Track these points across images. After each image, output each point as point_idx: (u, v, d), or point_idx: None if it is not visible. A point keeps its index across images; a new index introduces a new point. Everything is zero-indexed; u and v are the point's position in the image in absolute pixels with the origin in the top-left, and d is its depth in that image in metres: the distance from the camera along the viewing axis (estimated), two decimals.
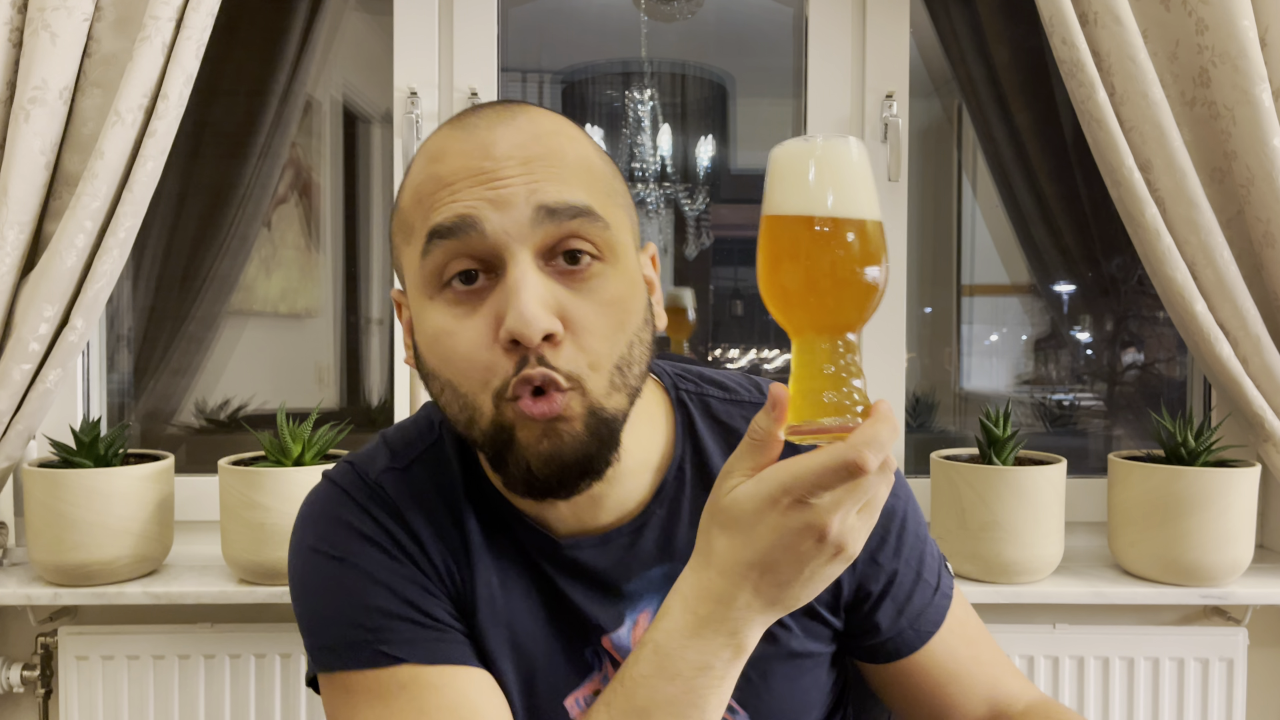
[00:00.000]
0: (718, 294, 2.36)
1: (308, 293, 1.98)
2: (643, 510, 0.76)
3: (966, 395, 2.02)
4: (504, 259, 0.64)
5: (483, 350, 0.64)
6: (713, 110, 2.39)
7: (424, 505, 0.75)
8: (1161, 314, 1.83)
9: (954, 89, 1.87)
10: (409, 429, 0.81)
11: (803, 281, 0.58)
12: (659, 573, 0.76)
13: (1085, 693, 1.50)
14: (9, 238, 1.32)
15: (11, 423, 1.38)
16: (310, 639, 0.74)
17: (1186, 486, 1.39)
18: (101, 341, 1.72)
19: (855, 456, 0.54)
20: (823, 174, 0.58)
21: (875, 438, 0.55)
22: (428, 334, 0.67)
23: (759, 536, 0.58)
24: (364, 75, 1.91)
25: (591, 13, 2.31)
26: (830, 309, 0.58)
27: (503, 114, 0.68)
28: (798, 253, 0.58)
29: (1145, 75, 1.36)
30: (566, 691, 0.76)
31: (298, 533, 0.77)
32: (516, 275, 0.63)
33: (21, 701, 1.56)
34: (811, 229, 0.58)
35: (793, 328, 0.60)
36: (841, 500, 0.56)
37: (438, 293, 0.67)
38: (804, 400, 0.58)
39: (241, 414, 1.90)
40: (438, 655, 0.71)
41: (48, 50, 1.31)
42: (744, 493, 0.58)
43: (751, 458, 0.59)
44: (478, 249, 0.64)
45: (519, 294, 0.62)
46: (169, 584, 1.43)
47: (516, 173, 0.65)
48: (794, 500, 0.56)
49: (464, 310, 0.65)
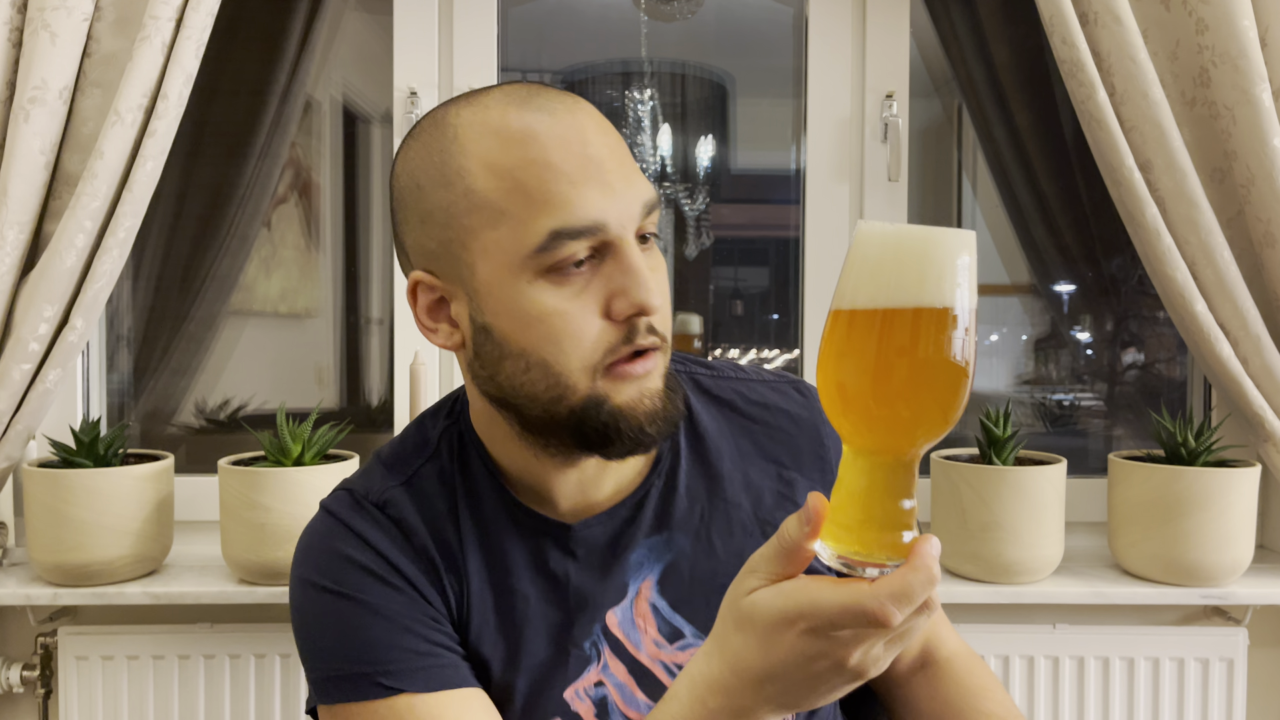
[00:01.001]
0: (718, 294, 2.35)
1: (308, 293, 1.98)
2: (642, 482, 0.80)
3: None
4: (618, 246, 0.69)
5: (594, 324, 0.69)
6: (713, 110, 2.39)
7: (426, 519, 0.77)
8: (1161, 314, 1.83)
9: (954, 89, 1.87)
10: (404, 446, 0.82)
11: (866, 385, 0.51)
12: (658, 540, 0.79)
13: (1085, 693, 1.50)
14: (9, 238, 1.32)
15: (11, 423, 1.38)
16: (310, 671, 0.76)
17: (1186, 486, 1.38)
18: (101, 341, 1.72)
19: (877, 608, 0.51)
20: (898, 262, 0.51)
21: (905, 590, 0.51)
22: (528, 315, 0.69)
23: (773, 651, 0.55)
24: (364, 75, 1.91)
25: (591, 13, 2.31)
26: (899, 423, 0.52)
27: (565, 99, 0.71)
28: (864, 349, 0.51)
29: (1145, 75, 1.36)
30: (566, 684, 0.77)
31: (296, 566, 0.78)
32: (633, 259, 0.69)
33: (21, 701, 1.56)
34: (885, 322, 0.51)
35: (849, 439, 0.54)
36: (865, 638, 0.53)
37: (541, 275, 0.69)
38: (842, 529, 0.53)
39: (241, 414, 1.90)
40: (435, 682, 0.73)
41: (47, 50, 1.31)
42: (764, 602, 0.55)
43: (777, 563, 0.56)
44: (598, 241, 0.69)
45: (641, 274, 0.68)
46: (169, 584, 1.43)
47: (616, 165, 0.70)
48: (810, 628, 0.53)
49: (574, 290, 0.69)
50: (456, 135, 0.70)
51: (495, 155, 0.68)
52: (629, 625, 0.78)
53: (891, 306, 0.51)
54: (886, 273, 0.51)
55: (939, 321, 0.51)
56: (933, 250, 0.51)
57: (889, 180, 1.64)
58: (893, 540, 0.53)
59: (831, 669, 0.55)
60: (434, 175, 0.71)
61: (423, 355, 1.56)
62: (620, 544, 0.78)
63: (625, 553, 0.78)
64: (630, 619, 0.78)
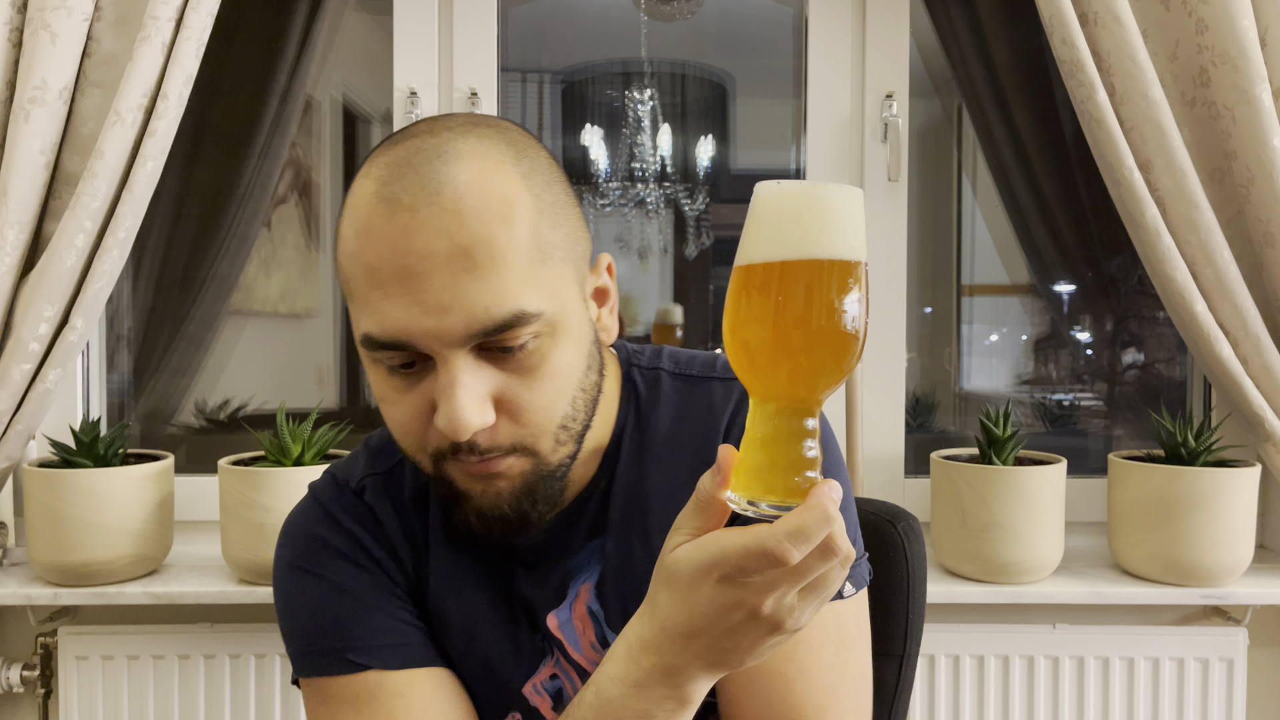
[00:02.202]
0: (717, 294, 2.35)
1: (307, 293, 1.98)
2: (586, 486, 0.79)
3: (966, 395, 2.02)
4: (437, 361, 0.65)
5: (419, 424, 0.67)
6: (713, 110, 2.39)
7: (398, 509, 0.80)
8: (1161, 314, 1.83)
9: (954, 89, 1.87)
10: (389, 435, 0.82)
11: (767, 337, 0.53)
12: (595, 545, 0.79)
13: (1085, 693, 1.50)
14: (9, 238, 1.32)
15: (11, 423, 1.38)
16: (289, 646, 0.79)
17: (1186, 486, 1.38)
18: (101, 341, 1.72)
19: (774, 546, 0.52)
20: (802, 216, 0.53)
21: (801, 528, 0.52)
22: (374, 388, 0.71)
23: (694, 604, 0.56)
24: (364, 75, 1.91)
25: (591, 13, 2.31)
26: (796, 371, 0.54)
27: (427, 188, 0.64)
28: (763, 302, 0.53)
29: (1145, 75, 1.36)
30: (524, 679, 0.79)
31: (278, 548, 0.82)
32: (448, 378, 0.64)
33: (21, 701, 1.56)
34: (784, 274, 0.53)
35: (753, 390, 0.56)
36: (776, 583, 0.54)
37: (374, 364, 0.68)
38: (747, 474, 0.55)
39: (241, 414, 1.90)
40: (402, 659, 0.75)
41: (48, 50, 1.31)
42: (683, 556, 0.56)
43: (696, 518, 0.57)
44: (411, 355, 0.66)
45: (451, 397, 0.64)
46: (169, 584, 1.43)
47: (444, 277, 0.63)
48: (722, 575, 0.55)
49: (402, 386, 0.67)
50: (348, 198, 0.69)
51: (347, 240, 0.67)
52: (568, 627, 0.79)
53: (787, 259, 0.53)
54: (782, 228, 0.53)
55: (833, 272, 0.53)
56: (823, 205, 0.53)
57: (889, 180, 1.64)
58: (796, 484, 0.55)
59: (748, 619, 0.56)
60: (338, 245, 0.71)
61: None
62: (560, 548, 0.79)
63: (565, 558, 0.79)
64: (569, 620, 0.79)
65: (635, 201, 2.39)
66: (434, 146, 0.66)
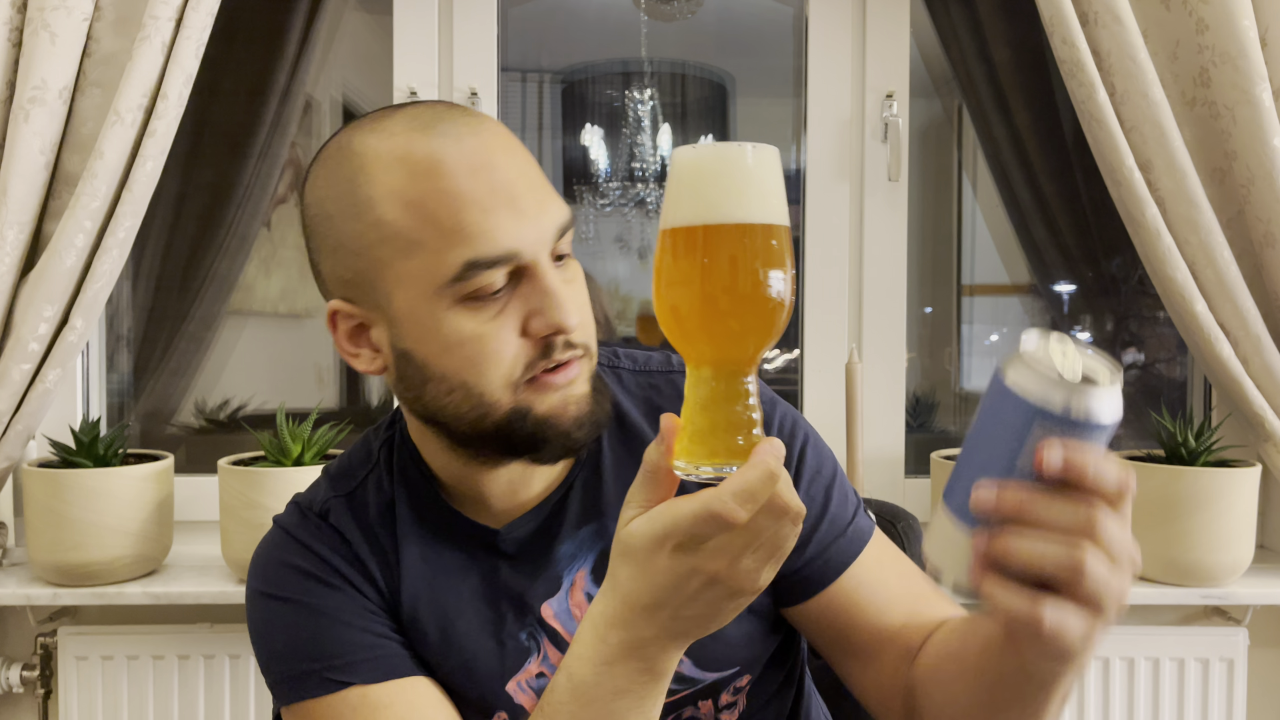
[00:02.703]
0: None
1: (307, 293, 1.98)
2: (567, 474, 0.81)
3: (966, 395, 2.02)
4: (534, 270, 0.69)
5: (511, 345, 0.70)
6: (713, 110, 2.39)
7: (363, 527, 0.81)
8: (1161, 314, 1.83)
9: (954, 89, 1.87)
10: (351, 460, 0.86)
11: (695, 301, 0.53)
12: (588, 531, 0.80)
13: (1085, 693, 1.50)
14: (9, 238, 1.32)
15: (11, 423, 1.38)
16: (267, 674, 0.78)
17: (1187, 486, 1.38)
18: (101, 341, 1.72)
19: (721, 508, 0.52)
20: (719, 179, 0.53)
21: (745, 487, 0.52)
22: (447, 341, 0.70)
23: (652, 576, 0.57)
24: (364, 75, 1.91)
25: (591, 13, 2.31)
26: (726, 334, 0.54)
27: (471, 121, 0.70)
28: (689, 267, 0.53)
29: (1145, 75, 1.36)
30: (508, 677, 0.79)
31: (249, 581, 0.81)
32: (549, 281, 0.69)
33: (21, 701, 1.56)
34: (706, 238, 0.53)
35: (686, 355, 0.57)
36: (728, 545, 0.54)
37: (458, 303, 0.69)
38: (690, 440, 0.56)
39: (241, 414, 1.90)
40: (381, 671, 0.75)
41: (47, 50, 1.31)
42: (637, 529, 0.57)
43: (646, 490, 0.58)
44: (513, 267, 0.69)
45: (557, 296, 0.69)
46: (169, 584, 1.43)
47: (527, 187, 0.69)
48: (676, 544, 0.55)
49: (491, 313, 0.69)
50: (363, 165, 0.70)
51: (403, 186, 0.68)
52: (565, 616, 0.79)
53: (709, 222, 0.53)
54: (702, 191, 0.53)
55: (754, 233, 0.53)
56: (740, 167, 0.53)
57: (889, 180, 1.64)
58: (739, 445, 0.55)
59: (707, 584, 0.56)
60: (343, 205, 0.71)
61: None
62: (548, 538, 0.80)
63: (554, 546, 0.80)
64: (566, 609, 0.79)
65: (635, 201, 2.39)
66: (436, 106, 0.72)
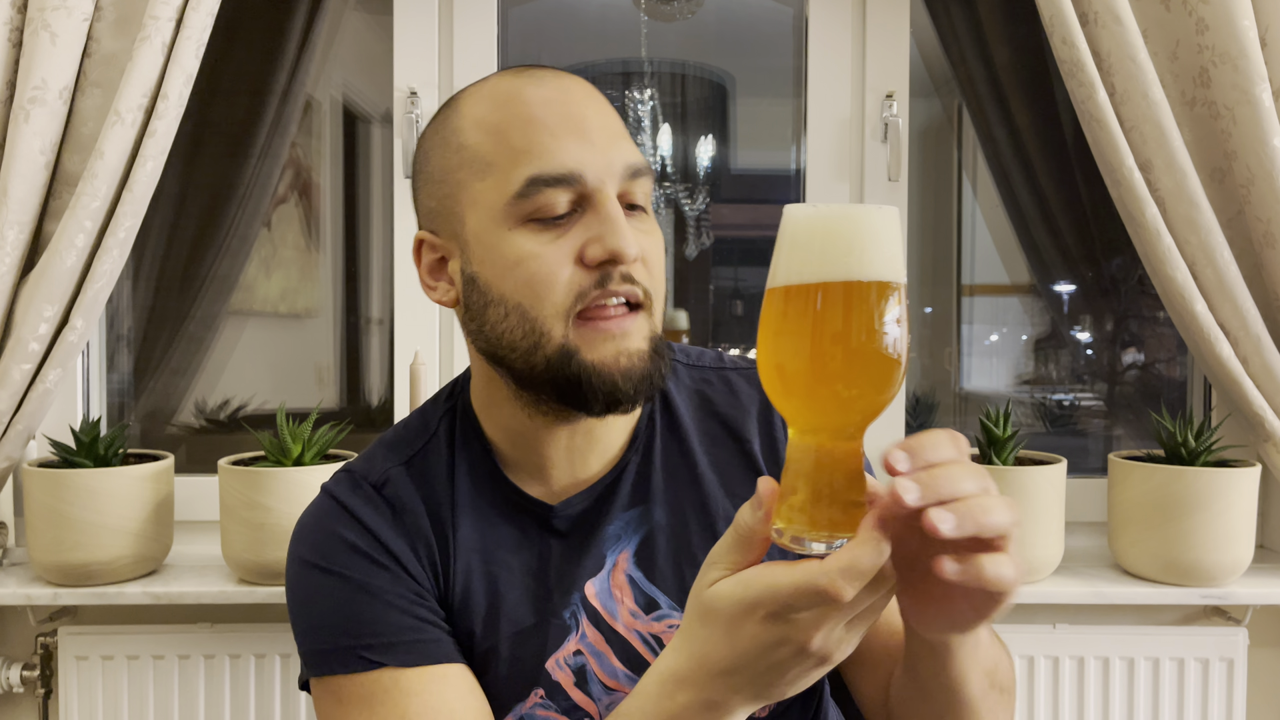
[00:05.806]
0: (718, 294, 2.35)
1: (308, 293, 1.98)
2: (621, 457, 0.83)
3: (966, 395, 2.02)
4: (597, 198, 0.72)
5: (567, 268, 0.72)
6: (713, 110, 2.39)
7: (423, 495, 0.81)
8: (1161, 314, 1.83)
9: (954, 89, 1.87)
10: (407, 430, 0.86)
11: (805, 363, 0.51)
12: (634, 514, 0.82)
13: (1085, 693, 1.50)
14: (9, 238, 1.32)
15: (11, 423, 1.38)
16: (301, 644, 0.79)
17: (1186, 486, 1.38)
18: (101, 341, 1.72)
19: (828, 585, 0.51)
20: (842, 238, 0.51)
21: (854, 564, 0.51)
22: (507, 260, 0.72)
23: (737, 641, 0.55)
24: (364, 75, 1.91)
25: (591, 13, 2.31)
26: (836, 399, 0.52)
27: (562, 75, 0.76)
28: (800, 328, 0.51)
29: (1145, 75, 1.36)
30: (547, 654, 0.79)
31: (292, 544, 0.81)
32: (610, 209, 0.72)
33: (21, 701, 1.56)
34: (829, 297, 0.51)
35: (795, 418, 0.54)
36: (825, 618, 0.53)
37: (522, 223, 0.72)
38: (792, 508, 0.54)
39: (241, 414, 1.90)
40: (417, 656, 0.75)
41: (48, 50, 1.31)
42: (724, 593, 0.55)
43: (735, 552, 0.56)
44: (577, 192, 0.72)
45: (617, 222, 0.71)
46: (169, 584, 1.43)
47: (600, 124, 0.73)
48: (769, 613, 0.53)
49: (551, 236, 0.72)
50: (458, 105, 0.78)
51: (485, 113, 0.74)
52: (606, 596, 0.80)
53: (825, 280, 0.52)
54: (817, 250, 0.52)
55: (872, 294, 0.52)
56: (860, 226, 0.52)
57: (889, 180, 1.64)
58: (842, 517, 0.53)
59: (795, 655, 0.54)
60: (438, 141, 0.78)
61: (423, 355, 1.56)
62: (598, 518, 0.81)
63: (602, 526, 0.81)
64: (608, 589, 0.80)
65: None
66: (535, 66, 0.78)
